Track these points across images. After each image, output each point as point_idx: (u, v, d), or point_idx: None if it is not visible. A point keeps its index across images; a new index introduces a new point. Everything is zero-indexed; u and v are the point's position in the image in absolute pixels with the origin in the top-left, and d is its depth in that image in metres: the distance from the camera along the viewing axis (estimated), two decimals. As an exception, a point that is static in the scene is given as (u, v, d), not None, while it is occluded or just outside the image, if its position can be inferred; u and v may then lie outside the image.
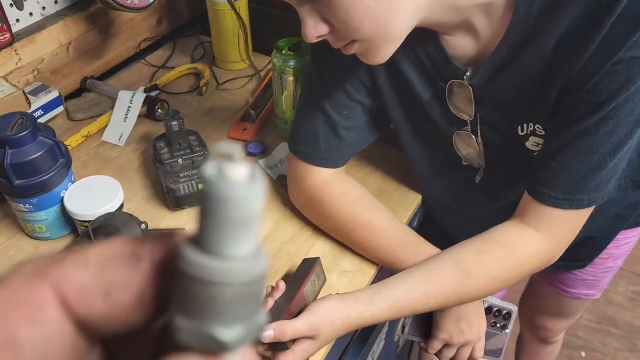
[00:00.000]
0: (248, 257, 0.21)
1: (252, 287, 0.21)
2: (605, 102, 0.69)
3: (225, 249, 0.20)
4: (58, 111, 1.20)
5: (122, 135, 1.17)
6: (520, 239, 0.81)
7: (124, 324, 0.22)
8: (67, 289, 0.21)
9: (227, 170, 0.20)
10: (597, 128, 0.71)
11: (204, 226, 0.20)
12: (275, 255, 0.94)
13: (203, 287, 0.20)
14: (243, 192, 0.19)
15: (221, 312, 0.20)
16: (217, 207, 0.20)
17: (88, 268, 0.21)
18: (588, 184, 0.75)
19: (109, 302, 0.21)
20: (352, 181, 0.95)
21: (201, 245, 0.20)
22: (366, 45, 0.72)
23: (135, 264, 0.21)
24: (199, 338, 0.20)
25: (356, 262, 0.93)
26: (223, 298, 0.20)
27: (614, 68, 0.67)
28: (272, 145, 1.14)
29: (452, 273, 0.81)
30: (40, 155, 0.90)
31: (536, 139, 0.80)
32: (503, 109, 0.80)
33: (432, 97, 0.84)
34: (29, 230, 0.98)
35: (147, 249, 0.22)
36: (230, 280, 0.20)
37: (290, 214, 1.01)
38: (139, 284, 0.21)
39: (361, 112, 0.91)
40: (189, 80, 1.35)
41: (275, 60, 1.07)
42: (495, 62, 0.75)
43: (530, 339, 1.55)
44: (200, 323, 0.20)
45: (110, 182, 0.97)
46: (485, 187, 0.93)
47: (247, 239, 0.20)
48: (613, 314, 2.04)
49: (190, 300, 0.20)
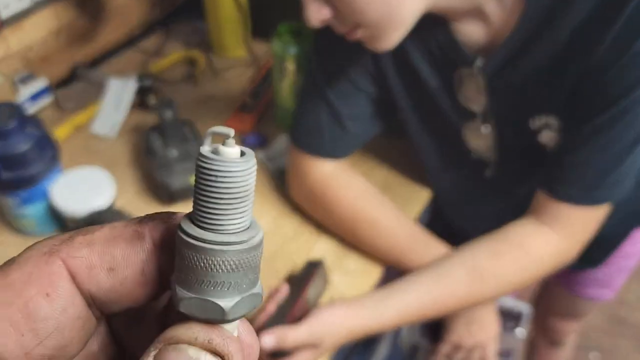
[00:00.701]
0: (243, 230, 0.22)
1: (249, 258, 0.22)
2: (622, 95, 0.67)
3: (221, 223, 0.22)
4: (47, 100, 1.17)
5: (113, 126, 1.13)
6: (536, 239, 0.79)
7: (128, 300, 0.23)
8: (76, 265, 0.22)
9: (221, 148, 0.22)
10: (614, 122, 0.69)
11: (201, 202, 0.22)
12: (275, 254, 0.90)
13: (202, 259, 0.21)
14: (237, 167, 0.21)
15: (219, 282, 0.22)
16: (213, 182, 0.21)
17: (94, 247, 0.23)
18: (606, 179, 0.73)
19: (114, 278, 0.23)
20: (356, 175, 0.92)
21: (198, 220, 0.22)
22: (371, 31, 0.69)
23: (137, 242, 0.23)
24: (199, 308, 0.22)
25: (361, 261, 0.90)
26: (221, 269, 0.21)
27: (631, 60, 0.65)
28: (272, 137, 1.10)
29: (464, 277, 0.79)
30: (28, 147, 0.87)
31: (550, 133, 0.78)
32: (514, 99, 0.78)
33: (440, 86, 0.82)
34: (16, 226, 0.94)
35: (148, 229, 0.23)
36: (226, 250, 0.21)
37: (291, 209, 0.97)
38: (141, 261, 0.23)
39: (366, 101, 0.88)
40: (184, 68, 1.31)
41: (276, 46, 1.03)
42: (507, 51, 0.73)
43: (541, 341, 1.54)
44: (200, 294, 0.22)
45: (101, 174, 0.93)
46: (496, 182, 0.90)
47: (242, 213, 0.22)
48: (625, 314, 2.00)
49: (191, 272, 0.22)
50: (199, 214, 0.22)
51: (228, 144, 0.22)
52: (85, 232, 0.23)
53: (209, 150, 0.22)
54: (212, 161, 0.21)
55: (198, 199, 0.22)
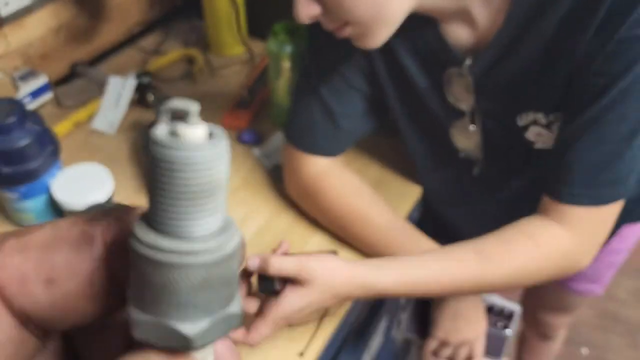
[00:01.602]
0: (213, 235, 0.17)
1: (220, 271, 0.17)
2: (611, 84, 0.67)
3: (183, 227, 0.17)
4: (47, 97, 1.18)
5: (113, 123, 1.14)
6: (546, 233, 0.76)
7: (75, 316, 0.19)
8: (5, 276, 0.18)
9: (181, 129, 0.16)
10: (606, 114, 0.68)
11: (157, 199, 0.17)
12: (270, 248, 0.92)
13: (159, 272, 0.17)
14: (201, 154, 0.16)
15: (182, 303, 0.17)
16: (171, 174, 0.16)
17: (29, 252, 0.18)
18: (604, 177, 0.72)
19: (53, 291, 0.18)
20: (349, 172, 0.93)
21: (155, 222, 0.17)
22: (360, 29, 0.70)
23: (85, 247, 0.18)
24: (158, 334, 0.17)
25: (354, 256, 0.91)
26: (183, 285, 0.17)
27: (616, 47, 0.65)
28: (267, 134, 1.12)
29: (472, 257, 0.75)
30: (28, 142, 0.88)
31: (538, 129, 0.78)
32: (502, 98, 0.78)
33: (429, 86, 0.83)
34: (16, 220, 0.95)
35: (99, 229, 0.19)
36: (190, 262, 0.17)
37: (286, 205, 0.99)
38: (89, 270, 0.18)
39: (359, 99, 0.89)
40: (182, 66, 1.32)
41: (271, 45, 1.04)
42: (495, 50, 0.74)
43: (531, 335, 1.55)
44: (158, 316, 0.17)
45: (100, 170, 0.94)
46: (483, 180, 0.91)
47: (211, 213, 0.17)
48: (615, 310, 2.02)
49: (146, 289, 0.17)
50: (155, 215, 0.17)
51: (190, 123, 0.17)
52: (20, 234, 0.19)
53: (165, 132, 0.17)
54: (166, 146, 0.16)
55: (153, 196, 0.17)
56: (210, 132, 0.17)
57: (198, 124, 0.16)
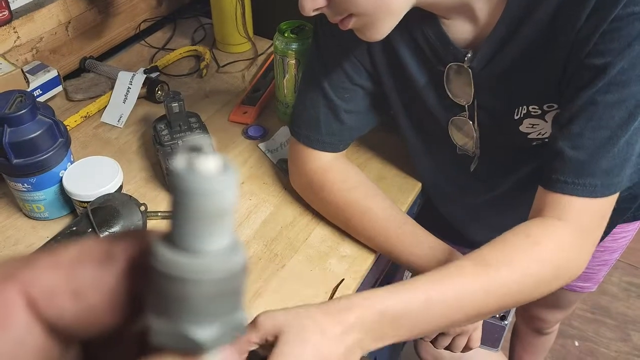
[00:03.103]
0: (223, 252, 0.20)
1: (229, 284, 0.20)
2: (608, 65, 0.65)
3: (198, 245, 0.20)
4: (57, 91, 1.19)
5: (121, 117, 1.16)
6: (543, 230, 0.72)
7: (97, 326, 0.21)
8: (35, 291, 0.20)
9: (197, 163, 0.19)
10: (603, 96, 0.67)
11: (176, 221, 0.20)
12: (275, 239, 0.94)
13: (176, 285, 0.19)
14: (214, 184, 0.19)
15: (196, 311, 0.20)
16: (188, 201, 0.19)
17: (58, 269, 0.21)
18: (598, 164, 0.69)
19: (79, 304, 0.20)
20: (352, 167, 0.95)
21: (173, 241, 0.20)
22: (364, 20, 0.71)
23: (107, 263, 0.21)
24: (175, 339, 0.20)
25: (356, 247, 0.93)
26: (197, 296, 0.20)
27: (612, 26, 0.64)
28: (273, 129, 1.14)
29: (471, 268, 0.70)
30: (40, 134, 0.89)
31: (531, 120, 0.79)
32: (501, 91, 0.79)
33: (428, 83, 0.84)
34: (27, 210, 0.97)
35: (120, 248, 0.21)
36: (203, 277, 0.19)
37: (291, 198, 1.01)
38: (111, 285, 0.21)
39: (362, 96, 0.91)
40: (189, 63, 1.34)
41: (277, 43, 1.06)
42: (494, 42, 0.74)
43: (525, 329, 1.56)
44: (175, 323, 0.20)
45: (110, 163, 0.96)
46: (480, 175, 0.93)
47: (221, 233, 0.20)
48: (607, 304, 2.06)
49: (164, 299, 0.20)
50: (173, 235, 0.20)
51: (205, 156, 0.19)
52: (50, 253, 0.21)
53: (183, 164, 0.19)
54: (184, 177, 0.19)
55: (173, 218, 0.20)
56: (223, 163, 0.20)
57: (211, 157, 0.19)
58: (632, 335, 1.98)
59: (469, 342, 0.87)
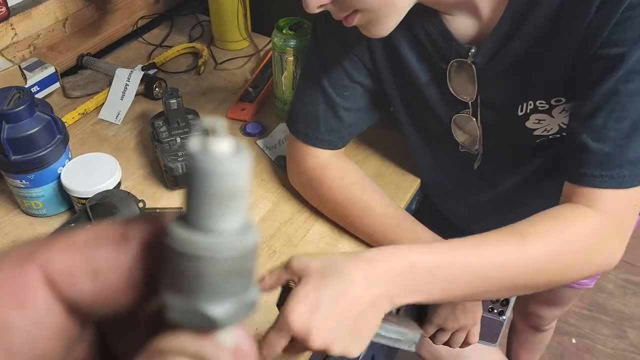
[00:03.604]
0: (236, 232, 0.20)
1: (242, 262, 0.21)
2: (625, 54, 0.64)
3: (212, 224, 0.20)
4: (54, 88, 1.19)
5: (119, 114, 1.16)
6: (576, 214, 0.70)
7: (113, 306, 0.22)
8: (54, 271, 0.21)
9: (211, 144, 0.20)
10: (624, 85, 0.66)
11: (191, 202, 0.20)
12: (274, 235, 0.94)
13: (191, 263, 0.20)
14: (227, 165, 0.19)
15: (210, 289, 0.20)
16: (203, 182, 0.20)
17: (75, 250, 0.21)
18: (625, 155, 0.68)
19: (96, 283, 0.21)
20: (350, 164, 0.95)
21: (189, 221, 0.20)
22: (369, 16, 0.70)
23: (123, 244, 0.21)
24: (190, 315, 0.20)
25: (355, 243, 0.93)
26: (212, 274, 0.20)
27: (625, 15, 0.64)
28: (271, 126, 1.14)
29: (508, 238, 0.69)
30: (38, 130, 0.89)
31: (538, 115, 0.78)
32: (505, 87, 0.79)
33: (430, 80, 0.83)
34: (25, 207, 0.97)
35: (135, 230, 0.21)
36: (217, 255, 0.20)
37: (289, 194, 1.01)
38: (127, 265, 0.21)
39: (361, 93, 0.91)
40: (187, 60, 1.34)
41: (276, 39, 1.06)
42: (498, 38, 0.74)
43: (522, 326, 1.56)
44: (190, 300, 0.20)
45: (108, 159, 0.96)
46: (483, 172, 0.93)
47: (235, 214, 0.20)
48: (603, 301, 2.06)
49: (180, 277, 0.20)
50: (189, 215, 0.20)
51: (218, 138, 0.20)
52: (67, 235, 0.21)
53: (198, 147, 0.20)
54: (199, 158, 0.19)
55: (188, 199, 0.20)
56: (236, 145, 0.20)
57: (225, 139, 0.20)
58: (629, 332, 1.99)
59: (468, 337, 0.87)
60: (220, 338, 0.21)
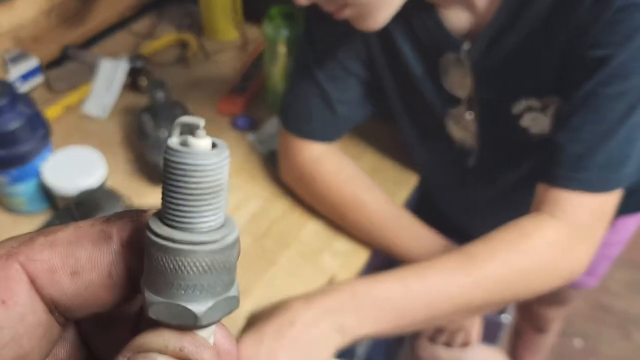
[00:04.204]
0: (216, 229, 0.21)
1: (222, 259, 0.21)
2: (609, 56, 0.65)
3: (191, 221, 0.20)
4: (38, 80, 1.17)
5: (105, 107, 1.12)
6: (535, 224, 0.71)
7: (95, 304, 0.22)
8: (36, 269, 0.21)
9: (190, 140, 0.20)
10: (604, 88, 0.66)
11: (169, 198, 0.20)
12: (265, 234, 0.91)
13: (171, 260, 0.20)
14: (207, 160, 0.20)
15: (191, 286, 0.20)
16: (182, 178, 0.20)
17: (56, 248, 0.21)
18: (595, 158, 0.68)
19: (77, 281, 0.21)
20: (345, 158, 0.93)
21: (167, 218, 0.20)
22: (359, 10, 0.69)
23: (104, 243, 0.21)
24: (170, 313, 0.20)
25: (350, 242, 0.91)
26: (191, 271, 0.20)
27: (613, 18, 0.63)
28: (262, 120, 1.11)
29: (455, 257, 0.70)
30: (19, 125, 0.86)
31: (532, 114, 0.77)
32: (499, 82, 0.78)
33: (425, 73, 0.82)
34: (7, 204, 0.94)
35: (115, 228, 0.22)
36: (197, 251, 0.20)
37: (281, 191, 0.98)
38: (108, 263, 0.21)
39: (356, 85, 0.89)
40: (176, 51, 1.31)
41: (267, 29, 1.03)
42: (492, 32, 0.73)
43: (526, 327, 1.56)
44: (170, 298, 0.20)
45: (92, 154, 0.93)
46: (479, 169, 0.91)
47: (214, 210, 0.20)
48: (609, 302, 2.03)
49: (160, 275, 0.20)
50: (167, 212, 0.20)
51: (198, 135, 0.20)
52: (47, 233, 0.22)
53: (177, 142, 0.20)
54: (179, 154, 0.20)
55: (166, 196, 0.20)
56: (214, 143, 0.21)
57: (204, 136, 0.20)
58: (634, 334, 1.96)
59: (467, 338, 0.85)
60: (201, 335, 0.21)
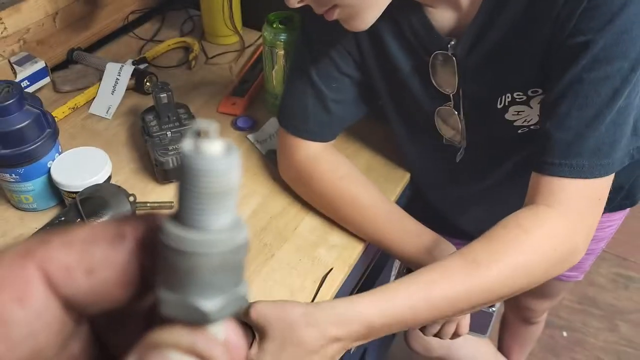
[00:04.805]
0: (227, 229, 0.21)
1: (232, 258, 0.22)
2: (590, 42, 0.65)
3: (204, 222, 0.21)
4: (44, 82, 1.19)
5: (110, 108, 1.15)
6: (533, 217, 0.71)
7: (109, 302, 0.22)
8: (52, 267, 0.21)
9: (203, 145, 0.21)
10: (588, 73, 0.66)
11: (183, 200, 0.21)
12: (265, 229, 0.94)
13: (184, 259, 0.21)
14: (219, 165, 0.20)
15: (202, 284, 0.21)
16: (195, 181, 0.20)
17: (72, 247, 0.22)
18: (585, 144, 0.69)
19: (92, 280, 0.22)
20: (340, 157, 0.95)
21: (181, 219, 0.21)
22: (348, 11, 0.71)
23: (119, 242, 0.22)
24: (183, 310, 0.21)
25: (345, 236, 0.93)
26: (204, 269, 0.21)
27: (592, 4, 0.64)
28: (262, 120, 1.14)
29: (459, 264, 0.70)
30: (27, 124, 0.88)
31: (516, 107, 0.79)
32: (485, 79, 0.79)
33: (413, 72, 0.84)
34: (15, 201, 0.97)
35: (130, 228, 0.22)
36: (210, 251, 0.21)
37: (280, 188, 1.01)
38: (122, 262, 0.22)
39: (350, 85, 0.91)
40: (178, 54, 1.34)
41: (266, 34, 1.06)
42: (475, 29, 0.75)
43: (513, 319, 1.57)
44: (183, 295, 0.21)
45: (98, 153, 0.96)
46: (468, 165, 0.93)
47: (225, 211, 0.21)
48: (594, 295, 2.08)
49: (173, 273, 0.21)
50: (181, 213, 0.21)
51: (210, 139, 0.21)
52: (64, 233, 0.22)
53: (190, 147, 0.21)
54: (192, 158, 0.20)
55: (181, 197, 0.21)
56: (227, 146, 0.21)
57: (216, 140, 0.21)
58: (620, 326, 2.00)
59: (458, 328, 0.87)
60: (212, 331, 0.22)
